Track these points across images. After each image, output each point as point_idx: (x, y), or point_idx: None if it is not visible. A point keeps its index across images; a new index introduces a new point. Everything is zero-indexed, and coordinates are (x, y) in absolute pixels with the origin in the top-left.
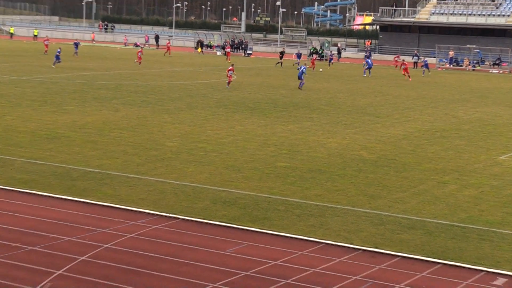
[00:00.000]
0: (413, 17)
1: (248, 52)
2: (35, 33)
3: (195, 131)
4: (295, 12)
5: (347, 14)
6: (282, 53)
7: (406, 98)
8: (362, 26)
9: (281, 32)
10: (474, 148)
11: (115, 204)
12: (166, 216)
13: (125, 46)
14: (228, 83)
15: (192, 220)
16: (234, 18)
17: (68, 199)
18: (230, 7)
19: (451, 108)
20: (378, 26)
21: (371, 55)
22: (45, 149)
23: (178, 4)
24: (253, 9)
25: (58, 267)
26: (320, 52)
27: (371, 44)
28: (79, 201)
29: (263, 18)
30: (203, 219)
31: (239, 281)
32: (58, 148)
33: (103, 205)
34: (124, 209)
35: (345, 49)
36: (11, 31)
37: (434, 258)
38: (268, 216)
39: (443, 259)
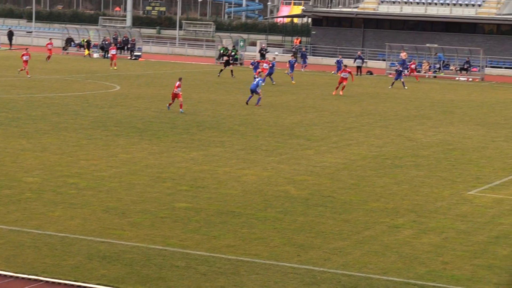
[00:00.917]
0: (356, 7)
1: (136, 54)
2: None
3: (64, 162)
4: (200, 0)
5: (269, 3)
6: (228, 58)
7: (347, 115)
8: (289, 19)
9: (181, 27)
10: (436, 181)
11: None
12: (24, 278)
13: None
14: (178, 105)
15: (60, 283)
16: (117, 8)
17: None
18: None
19: (406, 128)
20: (310, 19)
21: (306, 56)
22: None
23: None
24: None
25: None
26: (234, 54)
27: (301, 43)
28: None
29: (156, 8)
30: (75, 281)
31: None
32: None
33: None
34: None
35: (267, 50)
36: None
37: None
38: (164, 276)
39: None
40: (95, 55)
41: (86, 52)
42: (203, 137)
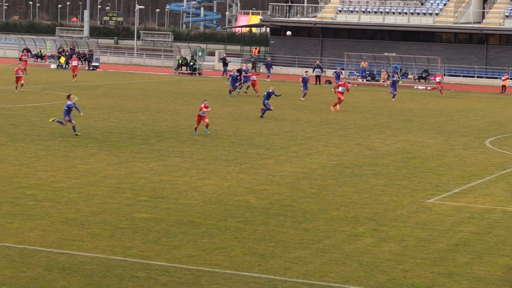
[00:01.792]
0: (314, 16)
1: (94, 65)
2: None
3: (22, 173)
4: (157, 10)
5: (227, 13)
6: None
7: (307, 124)
8: (248, 29)
9: (139, 37)
10: (396, 189)
11: None
12: None
13: None
14: (206, 126)
15: None
16: (74, 19)
17: None
18: (68, 3)
19: (365, 137)
20: (269, 29)
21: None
22: None
23: None
24: (100, 6)
25: None
26: (192, 64)
27: (259, 52)
28: None
29: (114, 18)
30: None
31: None
32: None
33: None
34: None
35: (225, 59)
36: None
37: None
38: (124, 287)
39: None
40: (52, 66)
41: (62, 60)
42: (163, 147)
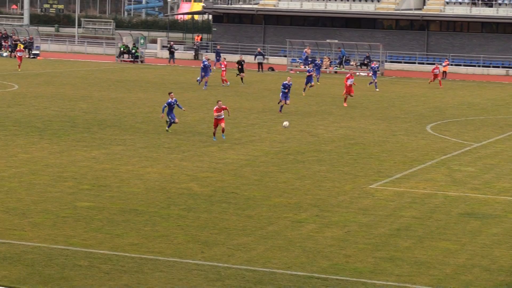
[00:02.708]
0: (257, 3)
1: (35, 53)
2: None
3: None
4: None
5: (169, 0)
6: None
7: (249, 111)
8: (190, 16)
9: (80, 25)
10: (338, 175)
11: None
12: None
13: None
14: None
15: None
16: (14, 6)
17: None
18: None
19: (308, 123)
20: (211, 16)
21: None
22: None
23: None
24: None
25: None
26: (134, 52)
27: (202, 40)
28: None
29: (54, 6)
30: None
31: None
32: None
33: None
34: None
35: (172, 47)
36: None
37: None
38: (66, 275)
39: None
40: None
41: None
42: (105, 136)
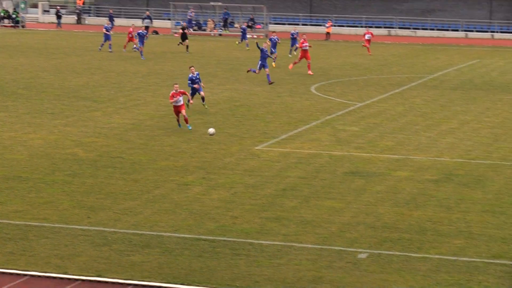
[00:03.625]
0: None
1: None
2: None
3: None
4: None
5: None
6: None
7: (134, 75)
8: None
9: None
10: (224, 137)
11: None
12: None
13: None
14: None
15: None
16: None
17: None
18: None
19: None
20: None
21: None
22: None
23: None
24: None
25: None
26: (15, 17)
27: (84, 4)
28: None
29: None
30: None
31: None
32: None
33: None
34: None
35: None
36: None
37: (177, 284)
38: None
39: (188, 284)
40: None
41: None
42: None
